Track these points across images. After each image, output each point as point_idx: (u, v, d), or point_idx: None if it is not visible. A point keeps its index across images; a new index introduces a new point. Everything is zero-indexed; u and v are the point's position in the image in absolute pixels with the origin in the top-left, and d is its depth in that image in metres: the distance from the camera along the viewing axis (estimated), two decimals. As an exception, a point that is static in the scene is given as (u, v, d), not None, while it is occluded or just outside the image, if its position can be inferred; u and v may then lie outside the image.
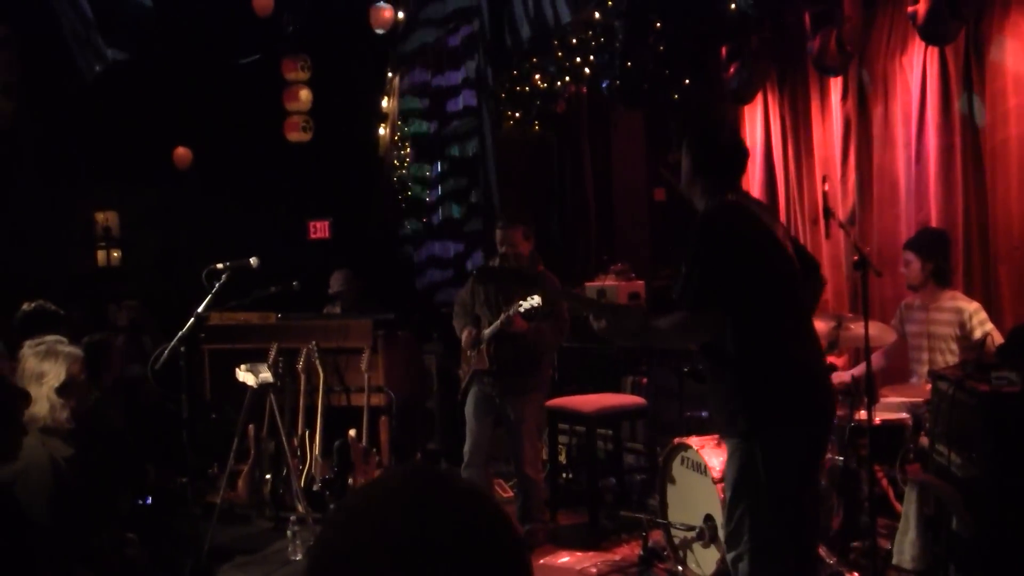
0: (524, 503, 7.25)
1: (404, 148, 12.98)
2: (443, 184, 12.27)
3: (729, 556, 4.37)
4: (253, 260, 6.58)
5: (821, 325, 6.25)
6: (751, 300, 4.23)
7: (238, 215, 12.96)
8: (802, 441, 4.31)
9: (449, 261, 12.34)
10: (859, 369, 6.43)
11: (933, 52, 7.26)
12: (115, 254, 13.10)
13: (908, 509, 4.93)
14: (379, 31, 11.59)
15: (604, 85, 8.84)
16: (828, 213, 6.16)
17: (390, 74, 13.35)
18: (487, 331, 7.03)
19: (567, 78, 9.28)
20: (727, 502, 4.37)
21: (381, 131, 13.68)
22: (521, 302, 6.54)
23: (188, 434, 6.38)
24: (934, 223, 7.26)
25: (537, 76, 9.61)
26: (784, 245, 4.48)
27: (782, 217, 8.74)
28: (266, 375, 7.53)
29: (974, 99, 7.08)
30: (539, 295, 6.44)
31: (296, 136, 12.69)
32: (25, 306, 6.74)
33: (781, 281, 4.38)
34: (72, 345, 5.64)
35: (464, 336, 7.24)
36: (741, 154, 4.67)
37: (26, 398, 5.03)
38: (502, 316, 6.82)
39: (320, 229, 13.85)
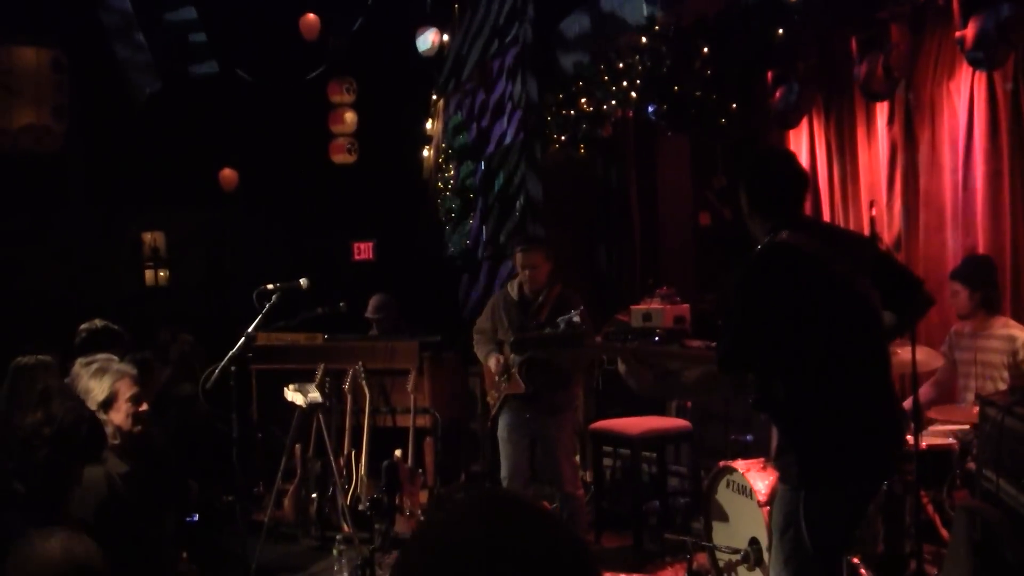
0: (568, 522, 7.27)
1: (448, 171, 13.04)
2: (487, 207, 12.31)
3: None
4: (303, 281, 6.64)
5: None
6: (794, 356, 4.16)
7: (283, 236, 13.09)
8: (848, 501, 4.30)
9: (491, 284, 12.38)
10: (909, 401, 6.40)
11: (981, 77, 7.24)
12: (162, 274, 13.23)
13: (957, 535, 4.91)
14: (425, 54, 11.69)
15: (651, 109, 8.86)
16: (875, 238, 6.16)
17: (435, 97, 13.44)
18: (517, 357, 7.07)
19: (613, 102, 9.30)
20: (773, 540, 4.39)
21: (425, 153, 13.76)
22: (558, 321, 6.59)
23: (238, 453, 6.44)
24: (981, 249, 7.22)
25: (583, 100, 9.65)
26: (849, 281, 4.29)
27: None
28: (315, 395, 7.59)
29: (1022, 125, 7.06)
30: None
31: (341, 158, 12.80)
32: (87, 324, 6.81)
33: (834, 329, 4.22)
34: (123, 363, 5.72)
35: (492, 363, 7.28)
36: (796, 184, 4.53)
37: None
38: None
39: (364, 251, 13.93)
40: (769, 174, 4.54)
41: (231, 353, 6.32)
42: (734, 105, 8.43)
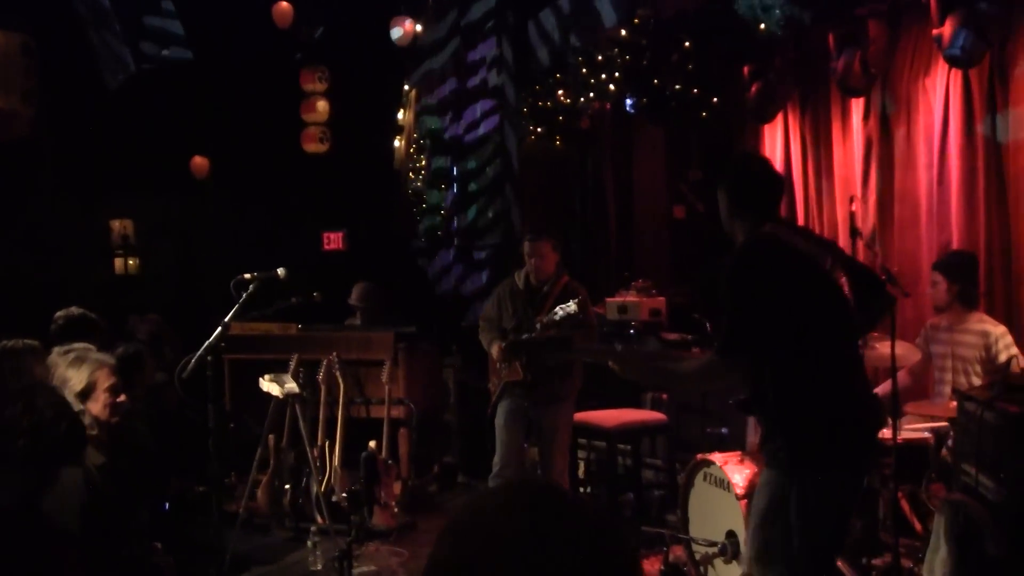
0: None
1: (420, 160, 13.01)
2: (460, 198, 12.30)
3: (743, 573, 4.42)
4: (280, 271, 6.59)
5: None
6: (785, 342, 4.21)
7: (254, 225, 13.00)
8: (839, 487, 4.31)
9: (465, 274, 12.37)
10: (883, 388, 6.46)
11: (957, 74, 7.29)
12: (132, 262, 13.13)
13: (939, 527, 4.94)
14: (398, 44, 11.64)
15: (630, 102, 8.87)
16: (855, 233, 6.19)
17: (407, 87, 13.39)
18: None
19: (591, 94, 9.30)
20: (751, 526, 4.39)
21: (397, 143, 13.72)
22: (555, 310, 6.61)
23: (214, 443, 6.39)
24: (956, 245, 7.28)
25: (561, 92, 9.65)
26: (830, 274, 4.40)
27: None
28: (292, 385, 7.55)
29: (997, 121, 7.11)
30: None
31: (313, 147, 12.74)
32: (64, 312, 6.76)
33: (821, 316, 4.31)
34: (102, 353, 5.67)
35: (495, 351, 7.29)
36: (776, 185, 4.68)
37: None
38: (536, 327, 6.90)
39: (334, 240, 13.86)
40: (751, 175, 4.63)
41: (208, 343, 6.26)
42: (715, 99, 8.45)
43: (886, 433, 5.96)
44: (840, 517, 4.40)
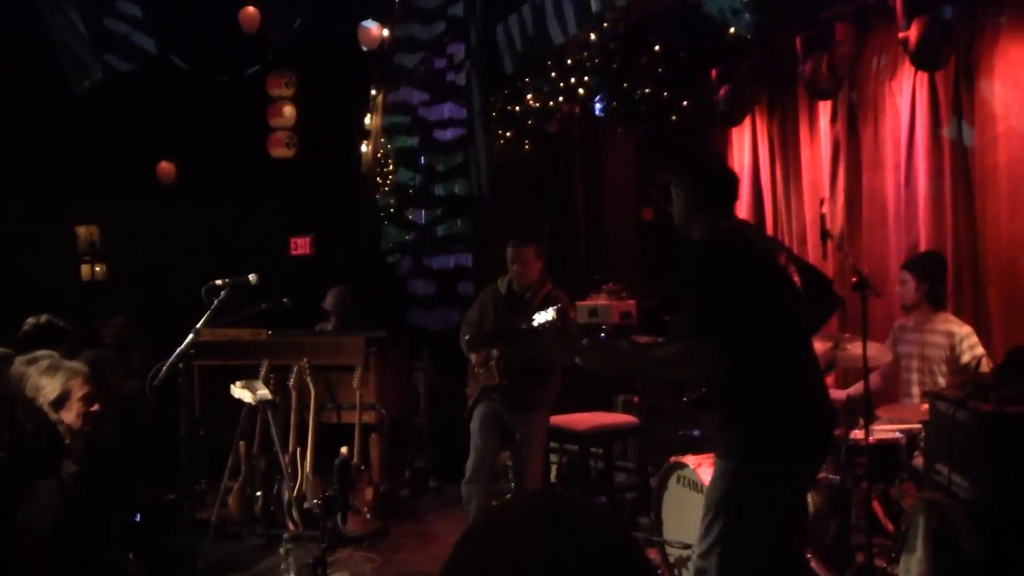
0: None
1: (388, 165, 12.99)
2: (429, 201, 12.30)
3: (694, 565, 4.43)
4: (252, 277, 6.57)
5: (819, 345, 6.31)
6: (749, 330, 4.25)
7: (221, 230, 12.93)
8: (794, 477, 4.39)
9: (434, 277, 12.38)
10: (855, 388, 6.50)
11: (923, 77, 7.35)
12: (98, 268, 13.04)
13: (914, 527, 4.98)
14: (366, 48, 11.62)
15: (600, 106, 8.89)
16: (825, 234, 6.22)
17: (374, 91, 13.37)
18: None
19: (561, 98, 9.31)
20: (705, 517, 4.39)
21: (364, 148, 13.69)
22: (535, 316, 6.60)
23: (185, 451, 6.36)
24: (923, 246, 7.34)
25: (530, 96, 9.65)
26: (785, 270, 4.50)
27: (769, 238, 8.81)
28: (264, 392, 7.52)
29: (963, 124, 7.17)
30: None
31: (280, 152, 12.69)
32: (32, 319, 6.70)
33: (780, 309, 4.39)
34: (72, 361, 5.63)
35: (474, 355, 7.29)
36: (732, 181, 4.73)
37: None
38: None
39: (301, 245, 13.80)
40: (711, 173, 4.72)
41: (179, 349, 6.23)
42: (685, 102, 8.47)
43: (858, 434, 6.02)
44: (794, 507, 4.49)
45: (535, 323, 6.60)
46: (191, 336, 6.28)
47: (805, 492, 4.57)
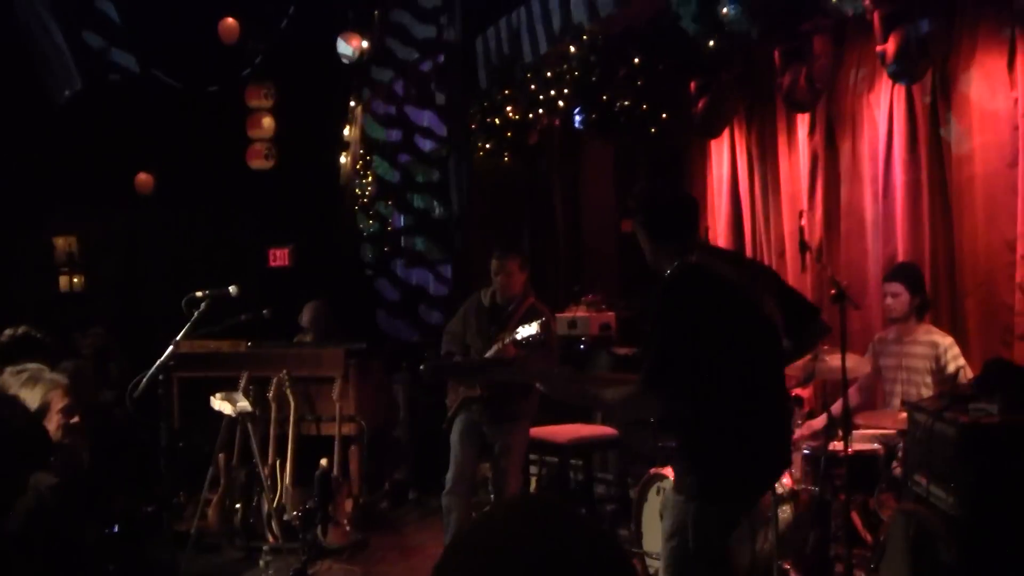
0: None
1: (366, 177, 13.00)
2: (408, 212, 12.33)
3: None
4: (233, 288, 6.57)
5: (797, 357, 6.34)
6: (705, 377, 4.27)
7: (199, 242, 12.94)
8: (736, 516, 4.53)
9: (412, 290, 12.41)
10: (835, 407, 6.51)
11: (900, 90, 7.38)
12: (76, 279, 13.01)
13: (893, 538, 5.00)
14: (345, 60, 11.64)
15: (579, 118, 8.90)
16: (804, 246, 6.25)
17: (353, 103, 13.39)
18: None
19: (540, 110, 9.32)
20: (664, 545, 4.47)
21: (343, 159, 13.70)
22: (518, 330, 6.59)
23: (165, 462, 6.35)
24: (901, 258, 7.36)
25: (509, 108, 9.66)
26: (756, 302, 4.49)
27: (748, 251, 8.81)
28: (244, 404, 7.50)
29: (940, 136, 7.20)
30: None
31: (258, 163, 12.70)
32: (9, 331, 6.67)
33: (740, 349, 4.38)
34: (52, 373, 5.61)
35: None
36: (685, 211, 4.68)
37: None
38: (495, 346, 6.86)
39: (280, 257, 13.80)
40: (662, 207, 4.67)
41: (159, 361, 6.23)
42: (664, 115, 8.49)
43: (837, 445, 6.05)
44: (727, 543, 4.58)
45: (518, 336, 6.60)
46: (171, 348, 6.28)
47: (735, 528, 4.67)
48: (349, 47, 11.43)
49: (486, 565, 1.41)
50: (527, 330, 6.53)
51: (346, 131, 13.53)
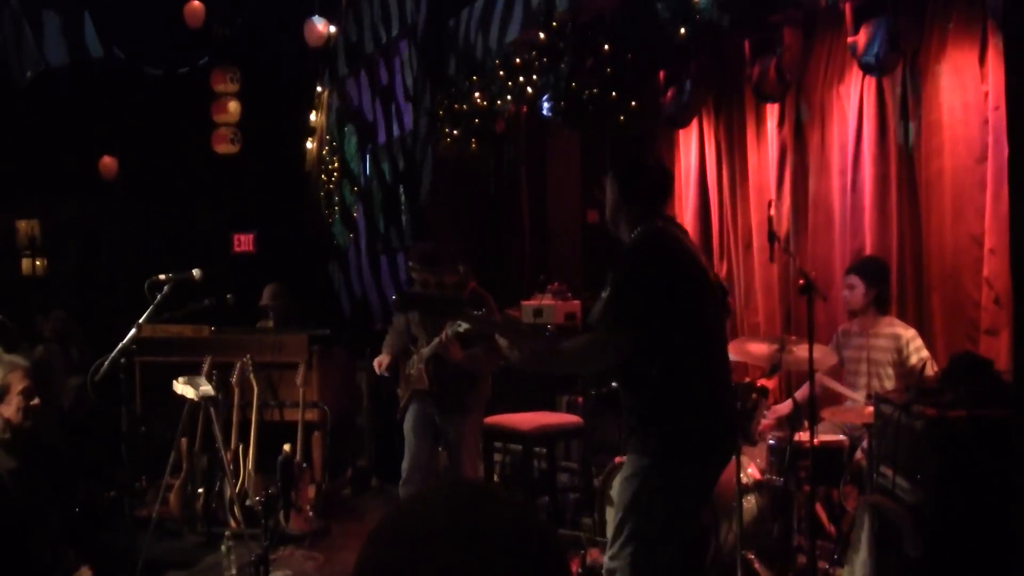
0: None
1: (332, 163, 12.94)
2: (373, 199, 12.27)
3: (605, 566, 4.45)
4: (196, 272, 6.49)
5: (764, 348, 6.35)
6: (676, 332, 4.30)
7: (163, 226, 12.85)
8: (702, 477, 4.46)
9: (377, 277, 12.35)
10: (800, 393, 6.53)
11: (870, 82, 7.38)
12: (39, 263, 12.90)
13: (859, 530, 5.01)
14: (312, 45, 11.57)
15: (548, 106, 8.85)
16: (773, 237, 6.24)
17: (320, 88, 13.32)
18: (425, 351, 7.03)
19: (508, 97, 9.27)
20: (617, 514, 4.42)
21: (309, 145, 13.64)
22: (455, 324, 6.56)
23: (126, 447, 6.27)
24: (869, 251, 7.37)
25: (477, 95, 9.61)
26: (708, 272, 4.59)
27: (715, 242, 8.85)
28: (207, 388, 7.43)
29: (910, 130, 7.21)
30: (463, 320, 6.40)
31: (224, 148, 12.61)
32: None
33: (707, 308, 4.49)
34: (11, 355, 5.56)
35: (375, 361, 7.37)
36: (667, 179, 4.83)
37: None
38: (435, 340, 6.84)
39: (244, 242, 13.74)
40: (644, 167, 4.78)
41: (121, 345, 6.14)
42: (633, 103, 8.46)
43: (802, 436, 6.05)
44: (695, 504, 4.60)
45: (460, 330, 6.58)
46: (133, 331, 6.20)
47: (711, 491, 4.62)
48: (315, 32, 11.35)
49: (408, 554, 1.38)
50: (462, 325, 6.50)
51: (312, 117, 13.46)
